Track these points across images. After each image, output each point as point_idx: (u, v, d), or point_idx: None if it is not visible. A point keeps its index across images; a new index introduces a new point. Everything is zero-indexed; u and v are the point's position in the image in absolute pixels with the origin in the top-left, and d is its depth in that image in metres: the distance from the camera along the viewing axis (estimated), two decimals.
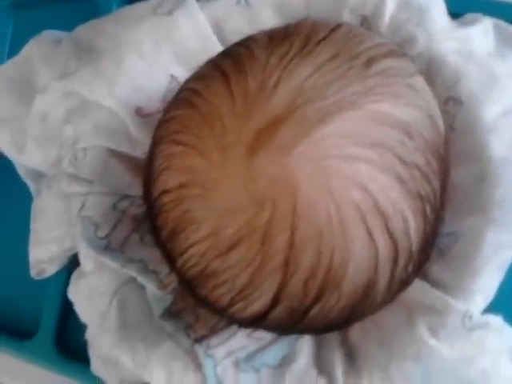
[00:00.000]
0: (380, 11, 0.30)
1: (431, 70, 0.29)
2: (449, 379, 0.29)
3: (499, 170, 0.28)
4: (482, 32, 0.31)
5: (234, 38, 0.31)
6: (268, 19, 0.31)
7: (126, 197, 0.33)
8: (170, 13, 0.32)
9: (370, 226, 0.22)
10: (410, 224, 0.23)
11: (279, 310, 0.23)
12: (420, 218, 0.23)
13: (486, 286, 0.29)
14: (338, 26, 0.25)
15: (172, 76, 0.32)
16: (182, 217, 0.23)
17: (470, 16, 0.32)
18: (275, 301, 0.22)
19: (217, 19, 0.32)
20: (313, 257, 0.21)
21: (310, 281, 0.22)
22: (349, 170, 0.21)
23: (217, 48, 0.31)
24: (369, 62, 0.23)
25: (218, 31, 0.32)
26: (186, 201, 0.23)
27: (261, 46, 0.24)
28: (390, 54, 0.24)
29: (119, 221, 0.32)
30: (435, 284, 0.29)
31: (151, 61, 0.31)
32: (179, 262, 0.24)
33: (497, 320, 0.30)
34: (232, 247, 0.22)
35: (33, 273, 0.35)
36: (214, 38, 0.32)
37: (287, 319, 0.23)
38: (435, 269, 0.29)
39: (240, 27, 0.32)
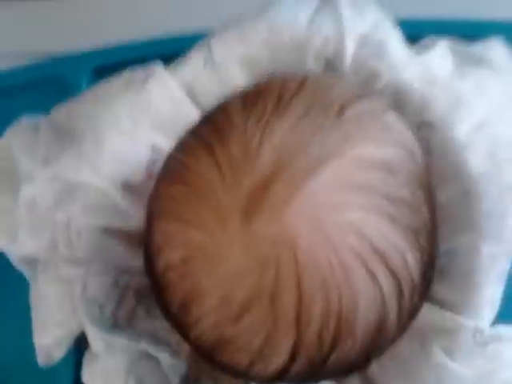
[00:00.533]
0: (341, 52, 0.31)
1: (399, 100, 0.30)
2: None
3: (480, 184, 0.29)
4: (440, 55, 0.32)
5: (208, 100, 0.32)
6: (237, 76, 0.32)
7: (126, 271, 0.33)
8: (142, 85, 0.32)
9: (370, 267, 0.22)
10: (408, 258, 0.23)
11: (299, 364, 0.23)
12: (416, 249, 0.24)
13: (491, 298, 0.29)
14: (306, 78, 0.25)
15: (153, 146, 0.32)
16: (188, 291, 0.23)
17: (426, 41, 0.34)
18: (293, 356, 0.23)
19: (188, 84, 0.33)
20: (322, 307, 0.22)
21: (324, 330, 0.22)
22: (342, 217, 0.22)
23: (192, 112, 0.32)
24: (341, 110, 0.24)
25: (191, 95, 0.33)
26: (191, 275, 0.23)
27: (237, 110, 0.24)
28: (360, 96, 0.25)
29: (123, 297, 0.32)
30: (442, 305, 0.29)
31: (131, 135, 0.32)
32: (192, 334, 0.24)
33: (508, 330, 0.30)
34: (243, 312, 0.22)
35: (40, 361, 0.34)
36: (189, 103, 0.33)
37: (308, 370, 0.23)
38: (439, 290, 0.29)
39: (212, 88, 0.32)
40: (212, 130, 0.25)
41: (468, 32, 0.36)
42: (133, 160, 0.32)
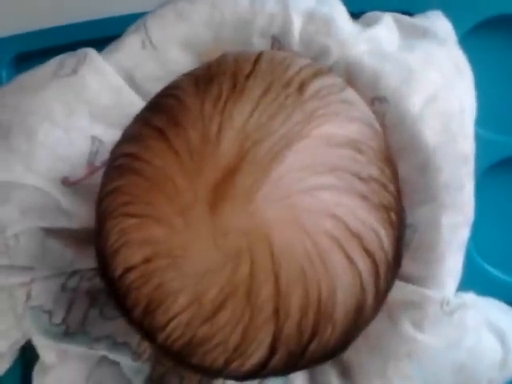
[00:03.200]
0: (288, 29, 0.30)
1: (351, 76, 0.29)
2: (442, 366, 0.30)
3: (437, 156, 0.29)
4: (386, 29, 0.32)
5: (149, 85, 0.30)
6: (179, 57, 0.30)
7: (73, 274, 0.30)
8: (74, 72, 0.30)
9: (347, 250, 0.21)
10: (381, 236, 0.23)
11: (278, 357, 0.22)
12: (388, 226, 0.23)
13: (453, 267, 0.30)
14: (260, 56, 0.24)
15: (93, 137, 0.30)
16: (155, 292, 0.21)
17: (370, 15, 0.33)
18: (272, 350, 0.22)
19: (125, 68, 0.30)
20: (301, 297, 0.21)
21: (303, 321, 0.21)
22: (314, 201, 0.21)
23: (132, 98, 0.30)
24: (301, 87, 0.23)
25: (130, 80, 0.31)
26: (156, 274, 0.21)
27: (189, 93, 0.23)
28: (318, 73, 0.24)
29: (73, 301, 0.30)
30: (407, 279, 0.29)
31: (66, 126, 0.29)
32: (161, 337, 0.22)
33: (470, 297, 0.31)
34: (218, 309, 0.21)
35: None
36: (128, 88, 0.30)
37: (286, 362, 0.22)
38: (403, 264, 0.29)
39: (152, 72, 0.30)
40: (163, 115, 0.23)
41: (405, 7, 0.36)
42: (71, 154, 0.30)
